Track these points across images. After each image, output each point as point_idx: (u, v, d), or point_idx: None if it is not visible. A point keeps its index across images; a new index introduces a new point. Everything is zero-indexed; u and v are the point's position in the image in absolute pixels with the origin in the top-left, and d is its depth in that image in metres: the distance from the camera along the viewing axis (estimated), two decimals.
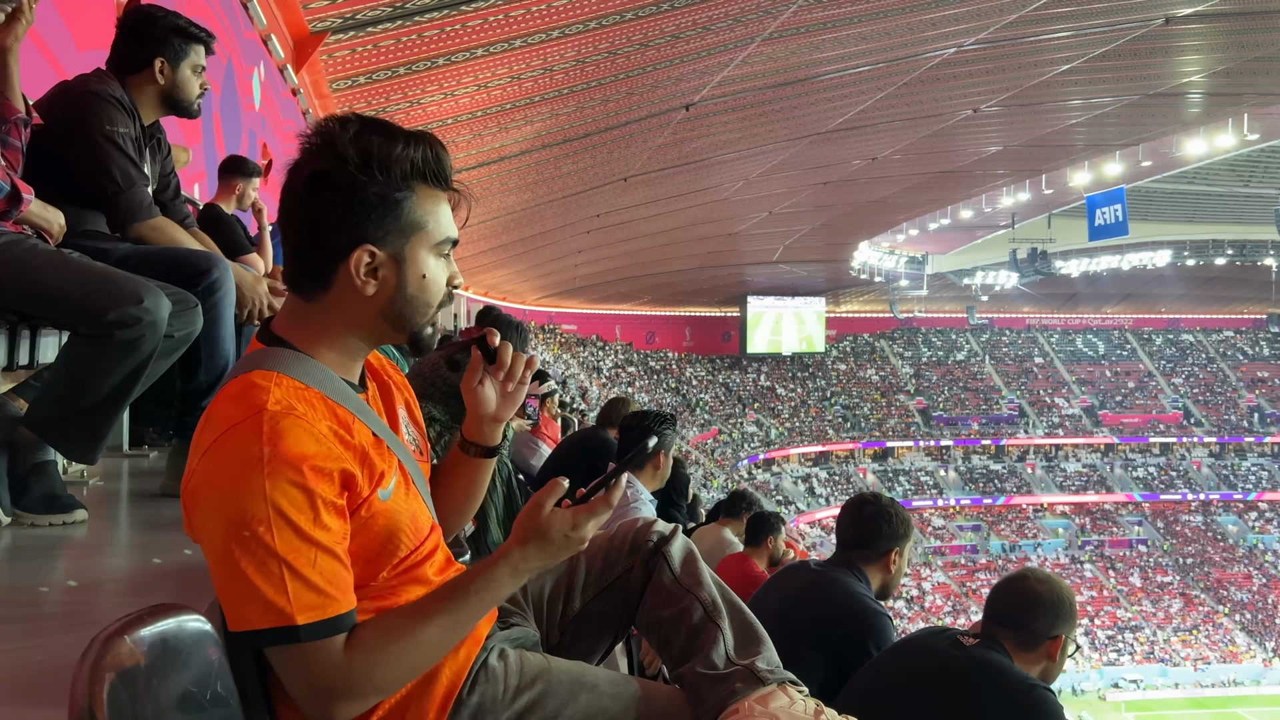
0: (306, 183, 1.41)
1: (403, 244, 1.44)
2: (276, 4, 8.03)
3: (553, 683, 1.59)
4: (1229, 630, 37.02)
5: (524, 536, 1.44)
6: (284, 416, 1.33)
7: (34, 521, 2.46)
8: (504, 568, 1.43)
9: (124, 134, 2.80)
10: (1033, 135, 21.72)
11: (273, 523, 1.29)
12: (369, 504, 1.41)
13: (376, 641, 1.37)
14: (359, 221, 1.40)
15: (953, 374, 48.20)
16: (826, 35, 12.79)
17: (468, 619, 1.43)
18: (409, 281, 1.45)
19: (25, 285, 2.37)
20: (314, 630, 1.32)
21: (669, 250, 31.69)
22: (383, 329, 1.48)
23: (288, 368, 1.41)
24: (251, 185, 4.91)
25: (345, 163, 1.39)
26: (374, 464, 1.43)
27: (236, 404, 1.36)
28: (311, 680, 1.34)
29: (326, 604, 1.33)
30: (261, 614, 1.29)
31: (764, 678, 1.67)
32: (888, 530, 3.19)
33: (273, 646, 1.33)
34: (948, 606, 36.90)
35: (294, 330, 1.48)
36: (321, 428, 1.36)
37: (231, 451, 1.32)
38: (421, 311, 1.48)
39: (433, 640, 1.40)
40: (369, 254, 1.42)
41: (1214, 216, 34.77)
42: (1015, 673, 2.48)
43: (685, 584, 1.77)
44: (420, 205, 1.44)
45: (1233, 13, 14.07)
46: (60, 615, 1.93)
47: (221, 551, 1.30)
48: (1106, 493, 43.07)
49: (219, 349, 2.94)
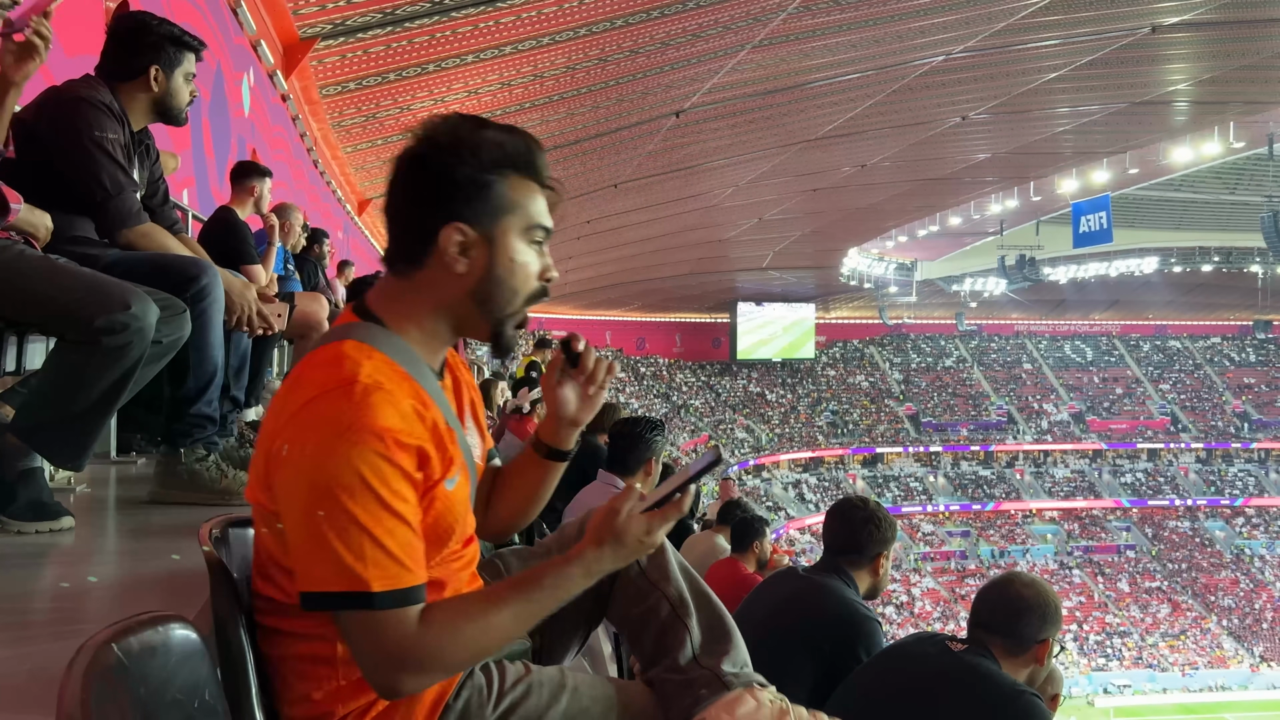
0: (402, 165, 1.48)
1: (493, 225, 1.48)
2: (266, 10, 8.03)
3: (534, 685, 1.60)
4: (1216, 635, 37.16)
5: (600, 539, 1.47)
6: (374, 390, 1.36)
7: (20, 529, 2.44)
8: (578, 567, 1.46)
9: (113, 140, 2.80)
10: (1021, 142, 21.83)
11: (356, 490, 1.32)
12: (437, 488, 1.45)
13: (450, 620, 1.39)
14: (449, 200, 1.46)
15: (942, 380, 48.34)
16: (816, 43, 12.85)
17: (537, 611, 1.46)
18: (498, 263, 1.49)
19: (12, 291, 2.36)
20: (388, 599, 1.34)
21: (659, 256, 31.72)
22: (470, 313, 1.52)
23: (379, 342, 1.45)
24: (266, 186, 4.93)
25: (437, 145, 1.46)
26: (446, 450, 1.46)
27: (328, 371, 1.39)
28: (383, 649, 1.36)
29: (401, 574, 1.35)
30: (338, 578, 1.32)
31: (729, 682, 1.68)
32: (876, 535, 3.20)
33: (345, 611, 1.36)
34: (937, 612, 36.95)
35: (386, 307, 1.52)
36: (405, 405, 1.40)
37: (321, 417, 1.35)
38: (509, 298, 1.51)
39: (502, 627, 1.43)
40: (459, 232, 1.46)
41: (1200, 223, 35.00)
42: (1003, 678, 2.49)
43: (652, 578, 1.78)
44: (511, 190, 1.49)
45: (1219, 22, 14.19)
46: (48, 623, 1.92)
47: (303, 514, 1.34)
48: (1094, 498, 43.23)
49: (207, 355, 2.93)
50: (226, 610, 1.40)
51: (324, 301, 5.52)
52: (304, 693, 1.46)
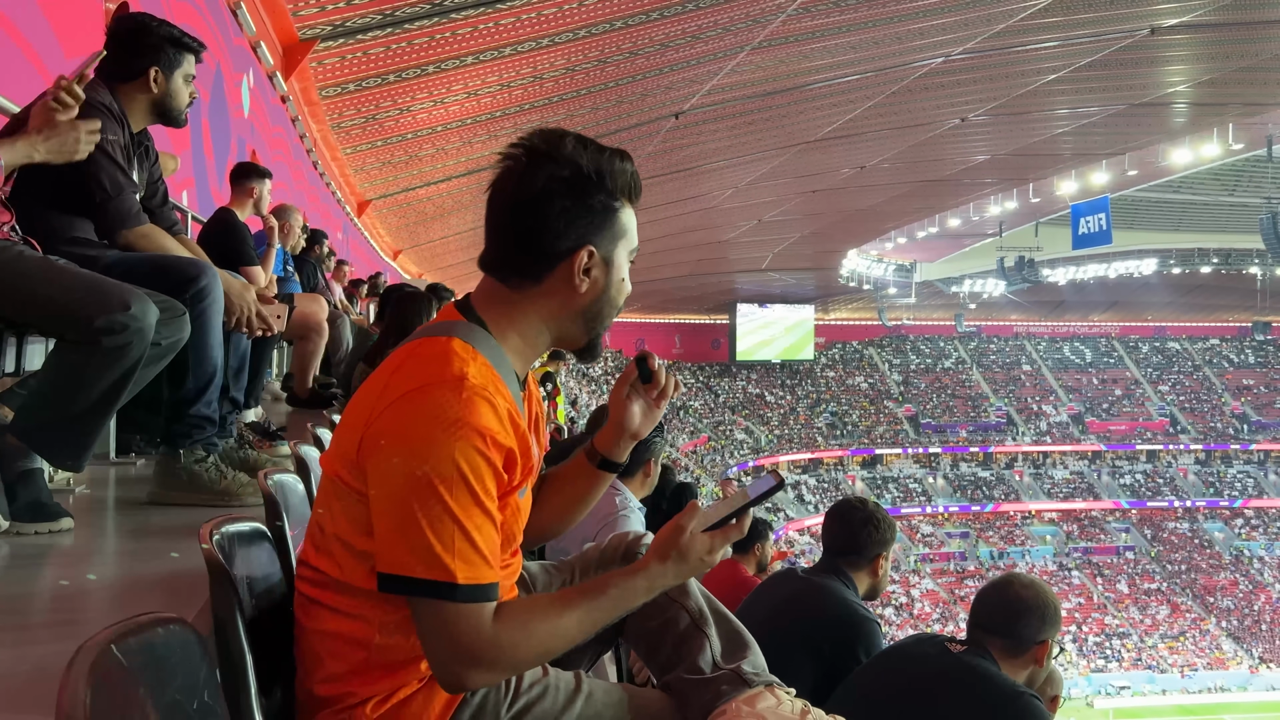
0: (543, 186, 1.53)
1: (613, 249, 1.59)
2: (266, 11, 8.03)
3: (550, 688, 1.63)
4: (1215, 637, 37.17)
5: (664, 554, 1.51)
6: (480, 391, 1.42)
7: (20, 530, 2.44)
8: (642, 580, 1.51)
9: (113, 141, 2.80)
10: (1020, 144, 21.85)
11: (454, 483, 1.37)
12: (512, 495, 1.50)
13: (522, 620, 1.44)
14: (588, 226, 1.55)
15: (941, 381, 48.36)
16: (815, 44, 12.86)
17: (601, 619, 1.50)
18: (612, 284, 1.60)
19: (12, 292, 2.35)
20: (469, 592, 1.38)
21: (659, 258, 31.71)
22: (577, 326, 1.61)
23: (481, 345, 1.51)
24: (266, 188, 4.92)
25: (581, 172, 1.53)
26: (527, 459, 1.52)
27: (437, 365, 1.44)
28: (457, 642, 1.39)
29: (484, 570, 1.40)
30: (425, 565, 1.36)
31: (750, 680, 1.70)
32: (876, 536, 3.20)
33: (424, 599, 1.38)
34: (936, 613, 36.95)
35: (491, 311, 1.58)
36: (502, 411, 1.45)
37: (428, 408, 1.40)
38: (609, 313, 1.63)
39: (568, 630, 1.47)
40: (590, 254, 1.55)
41: (1199, 225, 35.05)
42: (1002, 679, 2.49)
43: (672, 594, 1.78)
44: (627, 216, 1.60)
45: (1218, 24, 14.20)
46: (47, 624, 1.92)
47: (398, 499, 1.38)
48: (1094, 500, 43.24)
49: (207, 356, 2.93)
50: (226, 611, 1.40)
51: (323, 303, 5.53)
52: (332, 670, 1.48)
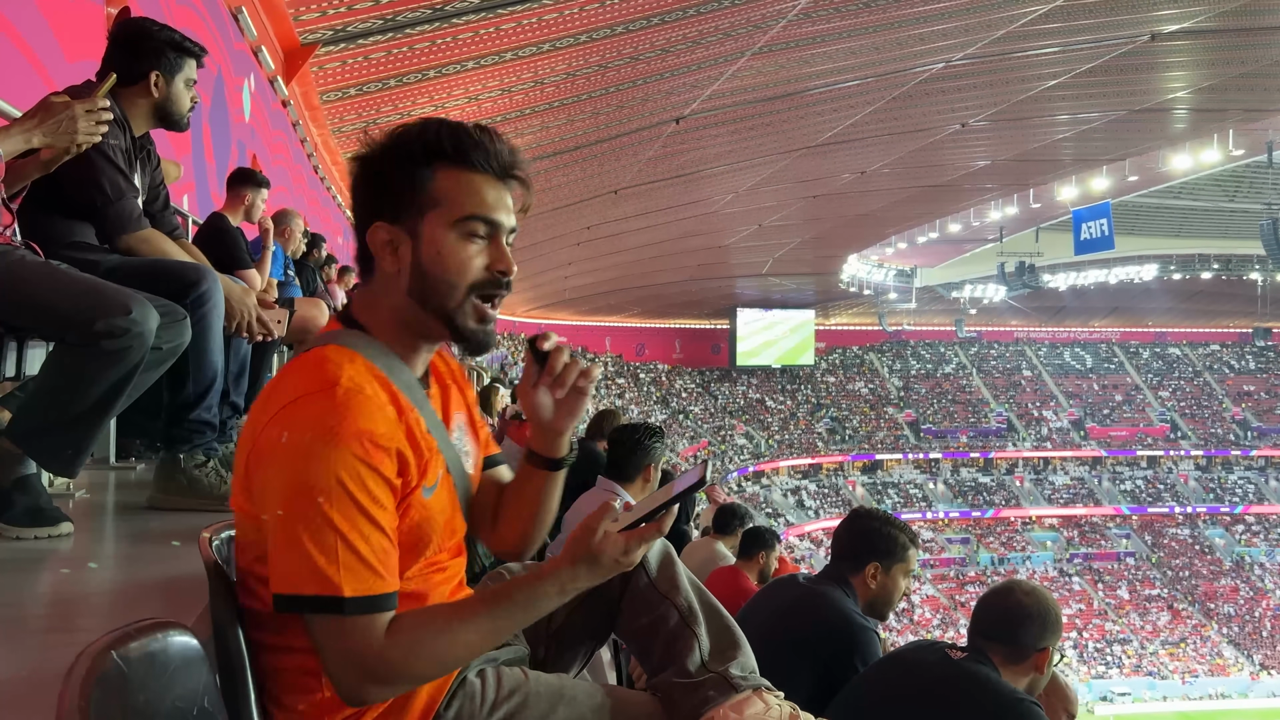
0: (352, 174, 1.50)
1: (417, 221, 1.46)
2: (267, 16, 8.04)
3: (531, 695, 1.58)
4: (1216, 643, 37.11)
5: (574, 557, 1.42)
6: (356, 393, 1.37)
7: (18, 535, 2.44)
8: (552, 584, 1.42)
9: (114, 145, 2.80)
10: (1020, 150, 21.86)
11: (334, 494, 1.32)
12: (414, 495, 1.44)
13: (415, 631, 1.38)
14: (375, 198, 1.47)
15: (941, 387, 48.34)
16: (815, 50, 12.87)
17: (507, 626, 1.43)
18: (424, 258, 1.46)
19: (12, 296, 2.35)
20: (358, 604, 1.33)
21: (659, 262, 31.74)
22: (418, 312, 1.49)
23: (360, 347, 1.46)
24: (260, 197, 4.89)
25: (376, 149, 1.47)
26: (424, 457, 1.46)
27: (310, 375, 1.39)
28: (349, 655, 1.35)
29: (374, 581, 1.35)
30: (311, 580, 1.31)
31: (737, 684, 1.67)
32: (867, 544, 3.14)
33: (316, 615, 1.35)
34: (936, 619, 36.90)
35: (364, 314, 1.53)
36: (386, 409, 1.40)
37: (302, 420, 1.35)
38: (445, 292, 1.47)
39: (468, 641, 1.41)
40: (384, 230, 1.47)
41: (1200, 231, 35.04)
42: (1002, 686, 2.48)
43: (662, 589, 1.76)
44: (440, 183, 1.45)
45: (1218, 30, 14.22)
46: (46, 629, 1.92)
47: (280, 515, 1.33)
48: (1094, 505, 43.19)
49: (207, 361, 2.93)
50: (225, 616, 1.40)
51: (324, 307, 5.51)
52: (291, 704, 1.44)
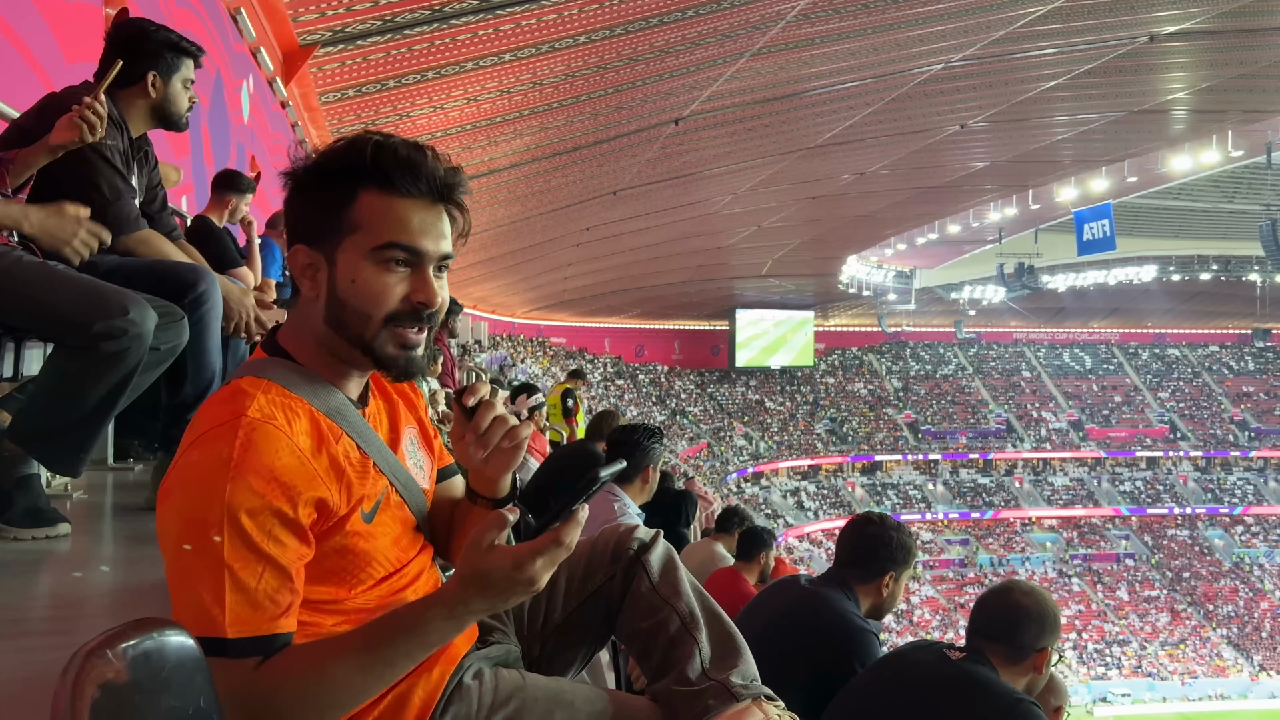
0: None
1: (334, 246, 1.40)
2: (266, 17, 8.03)
3: (528, 700, 1.55)
4: (1216, 644, 37.12)
5: (462, 577, 1.29)
6: (262, 425, 1.31)
7: (17, 535, 2.44)
8: (438, 609, 1.30)
9: (112, 147, 2.80)
10: (1020, 151, 21.87)
11: (226, 530, 1.26)
12: (347, 523, 1.39)
13: (284, 668, 1.29)
14: (298, 222, 1.43)
15: (940, 388, 48.34)
16: (815, 51, 12.87)
17: (394, 660, 1.30)
18: (338, 286, 1.40)
19: (11, 297, 2.35)
20: (242, 646, 1.27)
21: (658, 264, 31.75)
22: (336, 339, 1.43)
23: (279, 377, 1.40)
24: (244, 201, 4.89)
25: (301, 172, 1.42)
26: (353, 484, 1.40)
27: (221, 408, 1.35)
28: (234, 699, 1.25)
29: (261, 622, 1.28)
30: (196, 620, 1.25)
31: (737, 693, 1.63)
32: (884, 553, 3.13)
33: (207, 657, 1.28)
34: (936, 620, 36.90)
35: (290, 340, 1.48)
36: (301, 441, 1.34)
37: (204, 454, 1.30)
38: (359, 321, 1.40)
39: (341, 680, 1.29)
40: (304, 254, 1.42)
41: (1199, 232, 35.07)
42: (1001, 686, 2.48)
43: (663, 594, 1.73)
44: (361, 209, 1.38)
45: (1217, 31, 14.23)
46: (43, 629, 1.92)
47: (174, 551, 1.28)
48: (1094, 507, 43.21)
49: (205, 362, 2.93)
50: None
51: None
52: None
